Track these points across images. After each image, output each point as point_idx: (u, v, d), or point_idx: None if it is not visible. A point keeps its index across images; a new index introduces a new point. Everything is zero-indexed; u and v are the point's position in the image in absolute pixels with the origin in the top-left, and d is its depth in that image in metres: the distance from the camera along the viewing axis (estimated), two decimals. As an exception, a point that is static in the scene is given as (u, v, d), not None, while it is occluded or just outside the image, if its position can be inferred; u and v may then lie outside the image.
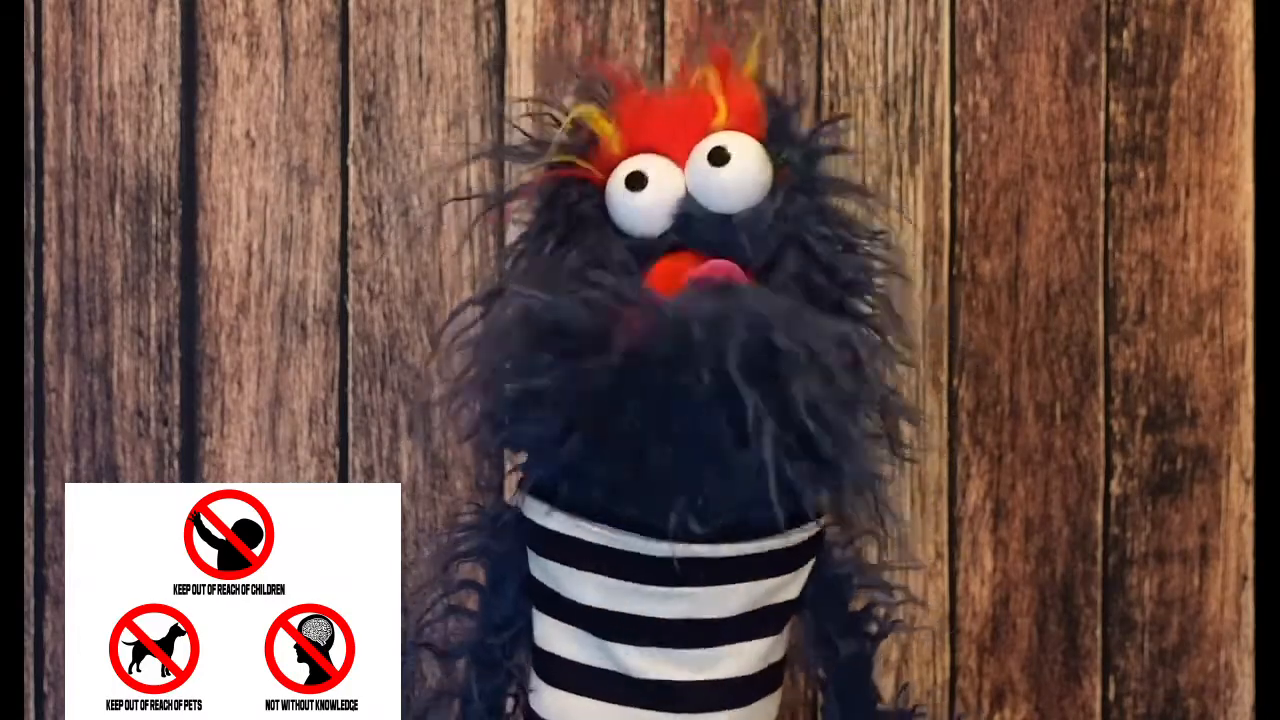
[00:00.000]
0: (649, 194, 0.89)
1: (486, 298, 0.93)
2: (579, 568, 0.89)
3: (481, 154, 1.15)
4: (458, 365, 0.91)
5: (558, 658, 0.91)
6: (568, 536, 0.89)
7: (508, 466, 1.15)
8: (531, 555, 0.92)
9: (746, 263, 0.87)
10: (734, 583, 0.89)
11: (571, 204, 0.91)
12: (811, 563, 0.93)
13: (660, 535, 0.87)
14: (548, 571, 0.91)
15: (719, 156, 0.89)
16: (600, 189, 0.91)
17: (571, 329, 0.84)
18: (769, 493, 0.84)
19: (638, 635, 0.89)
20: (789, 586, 0.92)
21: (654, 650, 0.89)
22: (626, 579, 0.89)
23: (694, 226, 0.89)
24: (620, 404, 0.84)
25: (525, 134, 0.96)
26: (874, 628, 0.97)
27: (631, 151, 0.91)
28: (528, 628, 0.93)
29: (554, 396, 0.85)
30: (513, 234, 0.97)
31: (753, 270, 0.87)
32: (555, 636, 0.91)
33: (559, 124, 0.94)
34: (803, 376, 0.83)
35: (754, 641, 0.91)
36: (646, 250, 0.89)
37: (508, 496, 1.15)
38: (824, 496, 0.89)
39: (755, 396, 0.82)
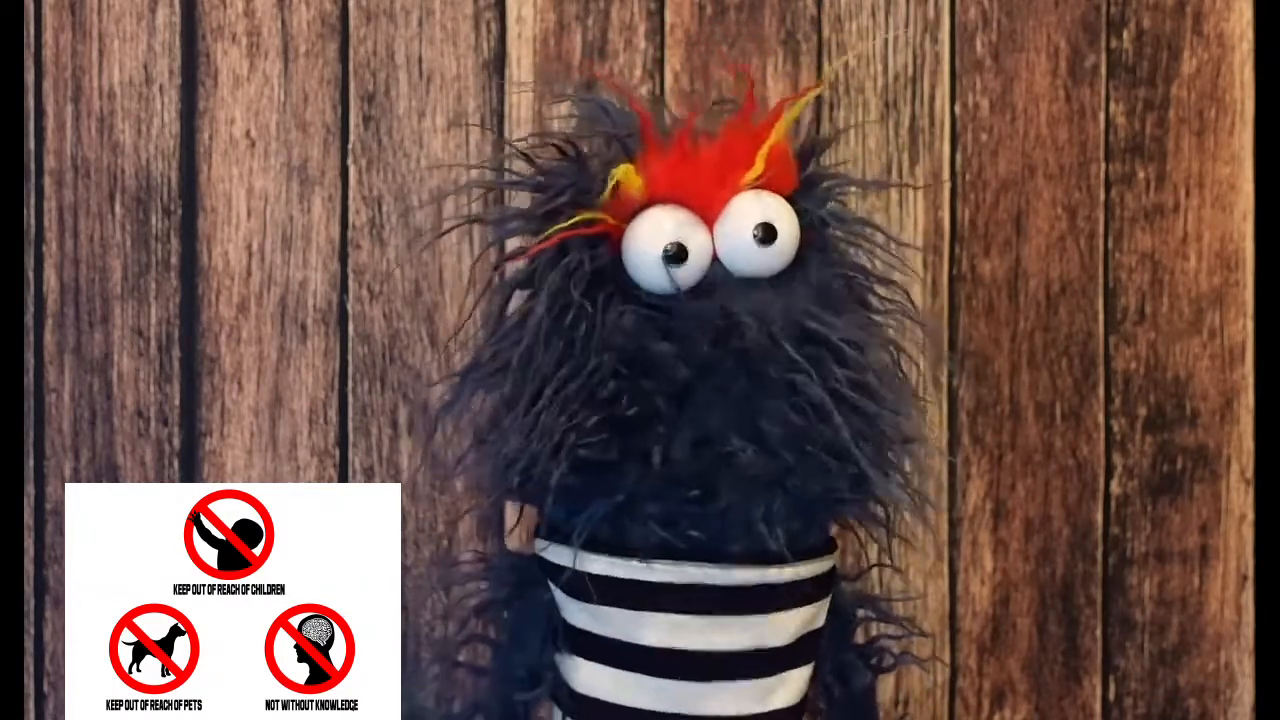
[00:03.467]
0: (686, 266, 0.86)
1: (493, 372, 0.90)
2: (641, 609, 0.87)
3: (481, 184, 1.13)
4: (480, 417, 0.90)
5: (608, 704, 0.89)
6: (625, 579, 0.87)
7: (509, 509, 1.15)
8: (577, 604, 0.90)
9: None
10: (796, 607, 0.88)
11: (590, 263, 0.87)
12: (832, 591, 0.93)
13: (726, 561, 0.86)
14: (600, 617, 0.89)
15: (767, 234, 0.86)
16: (611, 238, 0.87)
17: (628, 363, 0.84)
18: (856, 453, 0.85)
19: (704, 670, 0.88)
20: (821, 613, 0.91)
21: (718, 684, 0.88)
22: (697, 613, 0.87)
23: (721, 291, 0.87)
24: (687, 413, 0.84)
25: (524, 154, 0.93)
26: (877, 659, 0.96)
27: (653, 200, 0.87)
28: (552, 680, 0.91)
29: (613, 424, 0.84)
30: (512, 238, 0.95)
31: None
32: (605, 683, 0.89)
33: (563, 154, 0.90)
34: (831, 360, 0.84)
35: (800, 669, 0.90)
36: (668, 303, 0.87)
37: (507, 540, 1.15)
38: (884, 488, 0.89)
39: (811, 371, 0.83)
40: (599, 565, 0.88)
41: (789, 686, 0.90)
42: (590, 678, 0.90)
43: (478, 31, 1.18)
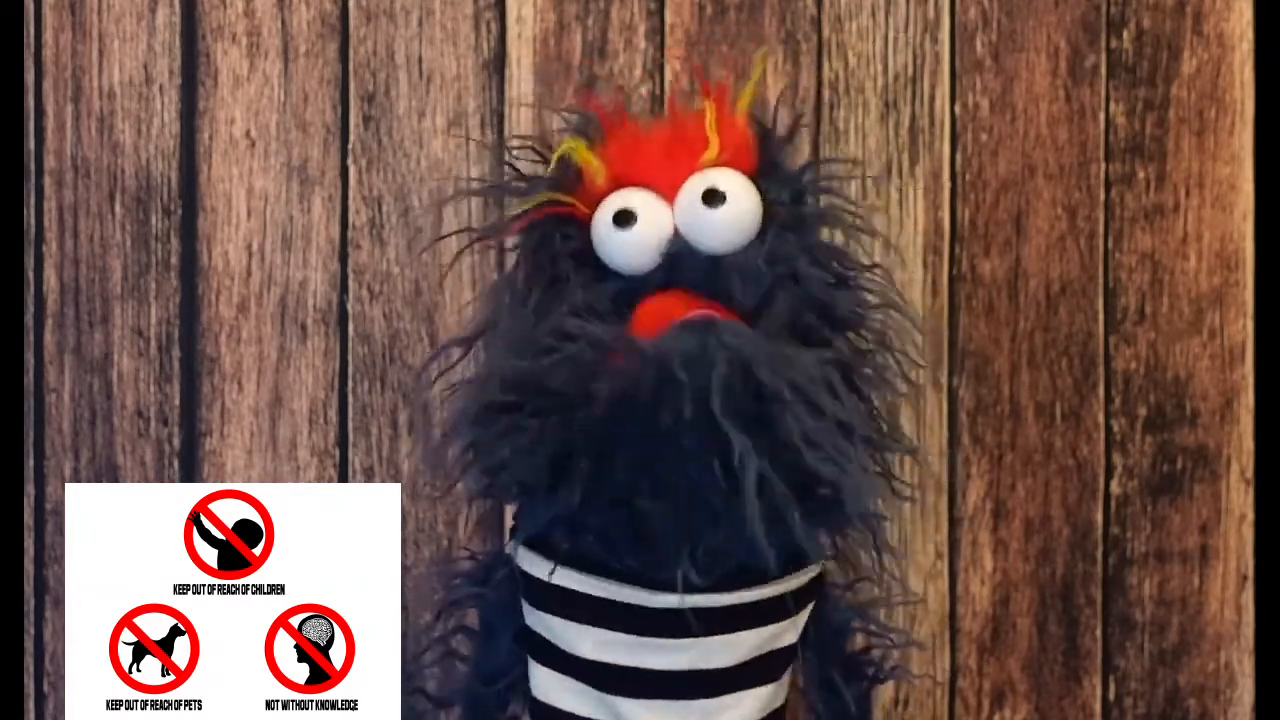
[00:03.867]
0: (636, 231, 0.87)
1: (469, 339, 0.92)
2: (577, 620, 0.88)
3: (477, 191, 1.14)
4: (444, 412, 0.90)
5: (556, 710, 0.90)
6: (564, 589, 0.88)
7: (508, 509, 1.15)
8: (527, 606, 0.91)
9: (737, 305, 0.86)
10: (737, 631, 0.88)
11: (557, 244, 0.89)
12: (810, 607, 0.91)
13: (660, 586, 0.85)
14: (544, 623, 0.90)
15: (712, 197, 0.86)
16: (585, 225, 0.89)
17: (551, 388, 0.83)
18: (758, 536, 0.82)
19: (639, 687, 0.88)
20: (789, 632, 0.90)
21: (655, 702, 0.88)
22: (626, 632, 0.87)
23: (683, 266, 0.87)
24: (609, 454, 0.83)
25: (516, 170, 0.95)
26: (871, 670, 0.95)
27: (618, 186, 0.89)
28: (522, 678, 0.92)
29: (541, 449, 0.83)
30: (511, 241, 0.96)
31: (743, 312, 0.85)
32: (553, 688, 0.90)
33: (546, 161, 0.92)
34: (790, 410, 0.81)
35: (756, 689, 0.89)
36: (634, 289, 0.87)
37: (506, 541, 1.15)
38: (824, 538, 0.88)
39: (740, 435, 0.80)
40: (543, 570, 0.88)
41: (742, 706, 0.89)
42: (543, 682, 0.90)
43: (478, 31, 1.18)
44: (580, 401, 0.82)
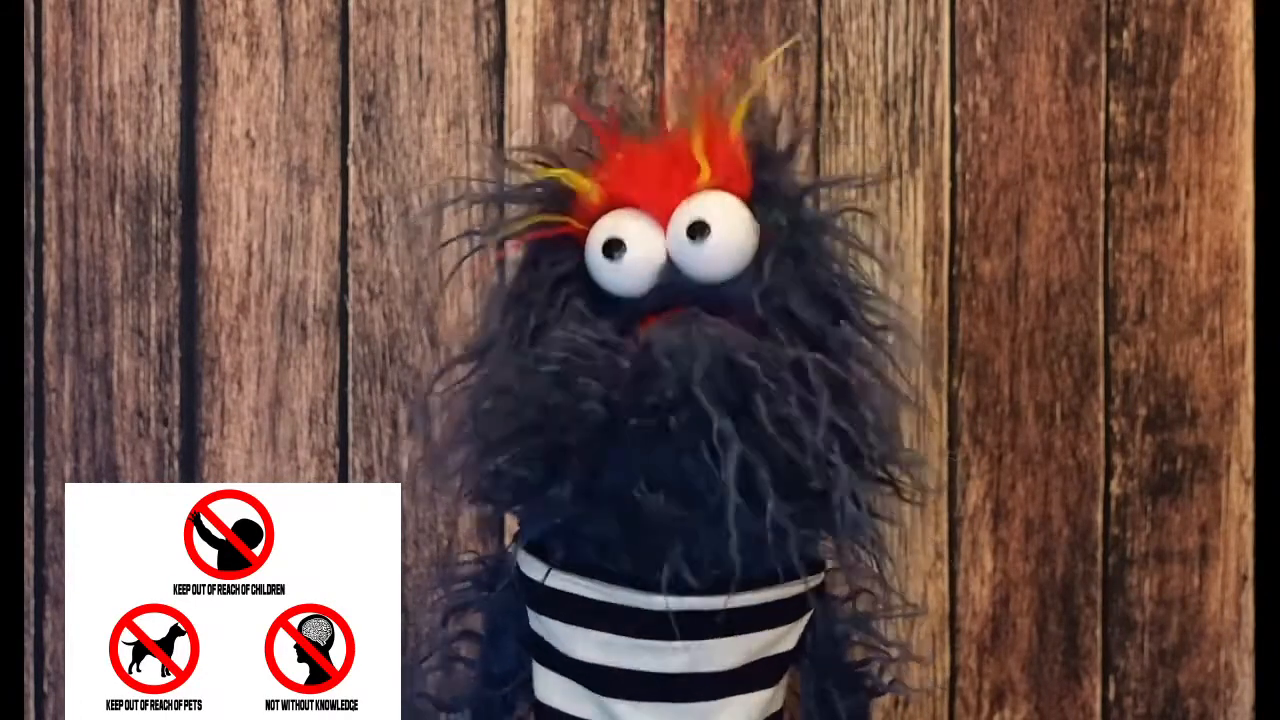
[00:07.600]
0: (626, 261, 0.86)
1: (472, 355, 0.91)
2: (574, 623, 0.88)
3: (478, 199, 1.13)
4: (445, 422, 0.90)
5: (558, 712, 0.90)
6: (562, 592, 0.88)
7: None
8: (530, 610, 0.91)
9: None
10: (732, 635, 0.87)
11: (553, 268, 0.88)
12: (809, 615, 0.91)
13: (653, 589, 0.85)
14: (544, 626, 0.90)
15: (698, 230, 0.85)
16: (582, 244, 0.88)
17: (545, 400, 0.83)
18: (748, 531, 0.82)
19: (635, 690, 0.88)
20: (786, 638, 0.90)
21: (652, 705, 0.88)
22: (622, 634, 0.87)
23: (677, 293, 0.86)
24: (603, 448, 0.82)
25: (521, 166, 0.94)
26: (870, 683, 0.95)
27: (612, 205, 0.88)
28: (528, 680, 0.92)
29: (538, 453, 0.84)
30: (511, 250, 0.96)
31: None
32: (554, 690, 0.90)
33: (546, 167, 0.91)
34: (771, 396, 0.81)
35: (753, 694, 0.89)
36: (633, 309, 0.87)
37: (508, 543, 1.15)
38: (819, 544, 0.88)
39: (723, 418, 0.80)
40: (541, 573, 0.88)
41: (738, 710, 0.88)
42: (545, 685, 0.91)
43: (478, 31, 1.18)
44: (572, 402, 0.82)
